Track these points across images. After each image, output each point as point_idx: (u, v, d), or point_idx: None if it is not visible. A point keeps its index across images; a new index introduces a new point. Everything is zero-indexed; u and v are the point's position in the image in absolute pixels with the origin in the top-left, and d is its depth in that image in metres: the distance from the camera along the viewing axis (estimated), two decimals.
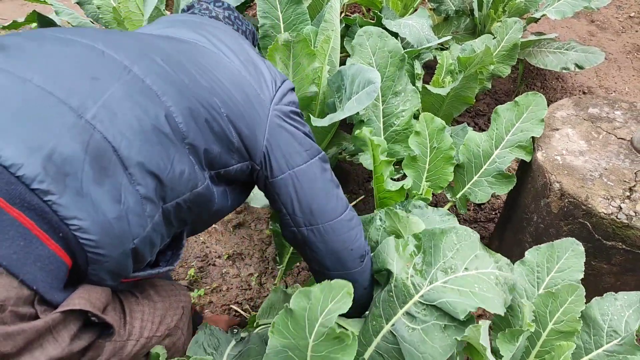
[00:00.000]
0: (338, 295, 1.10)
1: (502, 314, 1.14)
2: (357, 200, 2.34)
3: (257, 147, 1.12)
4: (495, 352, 1.20)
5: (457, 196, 1.87)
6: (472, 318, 1.13)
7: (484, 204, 2.38)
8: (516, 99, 1.81)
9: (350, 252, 1.26)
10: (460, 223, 2.30)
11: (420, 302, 1.20)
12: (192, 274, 2.02)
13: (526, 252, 1.44)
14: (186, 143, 0.97)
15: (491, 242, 2.19)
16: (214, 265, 2.11)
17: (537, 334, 1.33)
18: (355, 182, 2.47)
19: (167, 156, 0.92)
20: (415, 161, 1.72)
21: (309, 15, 2.02)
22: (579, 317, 1.27)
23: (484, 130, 2.16)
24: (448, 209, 2.19)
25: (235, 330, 1.48)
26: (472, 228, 2.24)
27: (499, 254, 1.29)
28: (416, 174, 1.75)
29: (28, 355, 0.77)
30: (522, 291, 1.41)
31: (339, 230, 1.23)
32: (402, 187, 1.59)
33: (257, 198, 1.68)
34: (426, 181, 1.74)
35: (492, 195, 1.79)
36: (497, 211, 2.37)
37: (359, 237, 1.28)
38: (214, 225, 2.22)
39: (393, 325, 1.24)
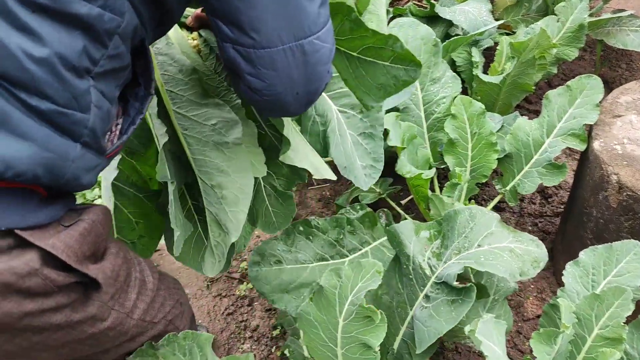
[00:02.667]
0: (368, 273, 1.25)
1: (511, 282, 1.23)
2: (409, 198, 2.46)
3: None
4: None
5: (507, 188, 1.93)
6: (473, 290, 1.23)
7: (551, 196, 2.39)
8: (568, 82, 1.84)
9: None
10: (524, 217, 2.35)
11: (435, 282, 1.33)
12: (245, 266, 2.25)
13: (581, 253, 1.45)
14: None
15: (556, 237, 2.20)
16: None
17: (582, 339, 1.34)
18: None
19: None
20: (455, 147, 1.83)
21: (358, 10, 2.18)
22: (624, 323, 1.25)
23: None
24: (498, 202, 2.26)
25: None
26: (538, 223, 2.30)
27: (525, 233, 1.37)
28: (457, 160, 1.85)
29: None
30: (573, 294, 1.42)
31: None
32: (419, 175, 1.68)
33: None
34: (470, 169, 1.84)
35: (539, 187, 1.84)
36: (565, 205, 2.37)
37: None
38: None
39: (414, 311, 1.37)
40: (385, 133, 1.69)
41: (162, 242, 2.32)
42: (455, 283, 1.30)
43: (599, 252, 1.41)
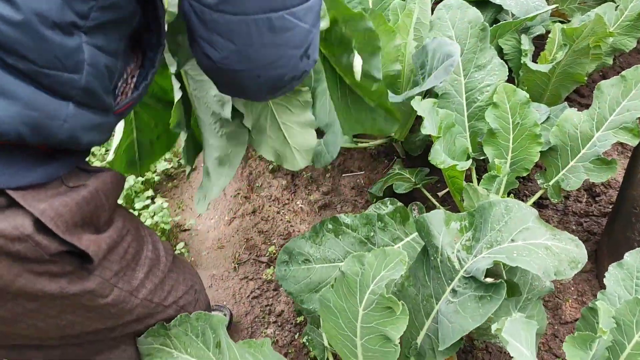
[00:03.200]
0: (392, 262, 1.21)
1: (546, 281, 1.16)
2: (444, 191, 2.38)
3: None
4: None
5: (550, 183, 1.84)
6: (502, 287, 1.16)
7: (599, 195, 2.26)
8: (623, 72, 1.73)
9: None
10: (568, 216, 2.24)
11: (463, 277, 1.27)
12: (273, 250, 2.23)
13: (626, 254, 1.38)
14: None
15: (602, 239, 2.09)
16: None
17: (620, 346, 1.26)
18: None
19: None
20: (495, 137, 1.74)
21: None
22: None
23: None
24: (540, 199, 2.15)
25: None
26: (583, 222, 2.19)
27: (564, 232, 1.29)
28: (497, 152, 1.77)
29: None
30: (614, 297, 1.35)
31: None
32: (454, 166, 1.61)
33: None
34: (511, 161, 1.75)
35: (586, 184, 1.73)
36: (613, 204, 2.25)
37: None
38: (300, 205, 2.42)
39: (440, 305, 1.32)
40: (420, 121, 1.63)
41: (191, 222, 2.33)
42: (487, 279, 1.24)
43: None
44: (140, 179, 2.44)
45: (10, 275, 0.80)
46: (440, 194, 2.31)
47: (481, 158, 1.92)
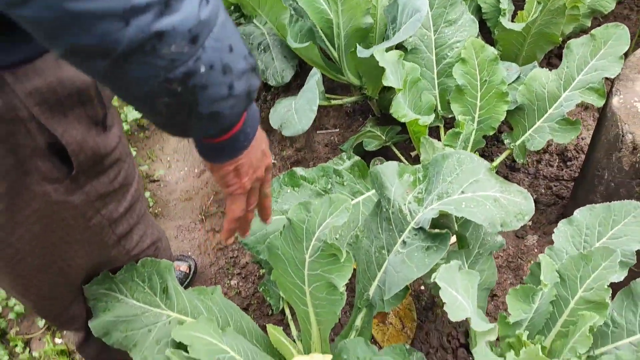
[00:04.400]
0: (337, 209, 1.21)
1: (499, 238, 1.16)
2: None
3: None
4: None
5: (517, 143, 1.84)
6: (449, 238, 1.17)
7: (570, 160, 2.27)
8: (593, 31, 1.71)
9: None
10: (538, 179, 2.25)
11: (413, 228, 1.27)
12: None
13: (576, 211, 1.38)
14: None
15: (568, 202, 2.10)
16: None
17: (564, 301, 1.28)
18: None
19: None
20: (462, 94, 1.73)
21: None
22: (608, 287, 1.18)
23: None
24: (512, 162, 2.16)
25: None
26: (552, 186, 2.20)
27: (514, 184, 1.29)
28: (464, 109, 1.76)
29: None
30: (562, 253, 1.35)
31: None
32: (416, 120, 1.59)
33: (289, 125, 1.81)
34: (478, 119, 1.74)
35: (558, 149, 1.73)
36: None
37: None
38: (272, 160, 2.41)
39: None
40: (382, 72, 1.61)
41: (160, 172, 2.32)
42: (434, 230, 1.25)
43: (596, 212, 1.32)
44: None
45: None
46: (413, 153, 2.31)
47: (450, 116, 1.91)
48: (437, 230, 1.19)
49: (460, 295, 1.03)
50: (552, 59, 2.57)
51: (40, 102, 0.77)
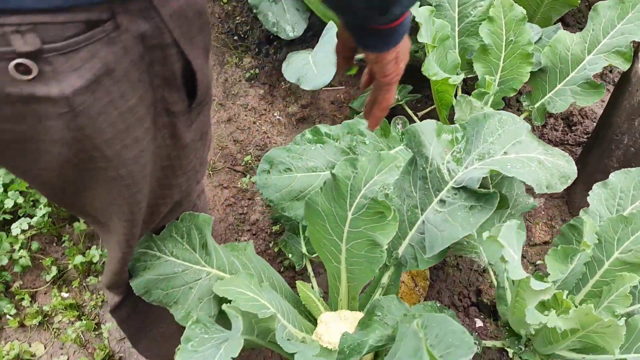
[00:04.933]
0: (386, 166, 1.18)
1: (530, 199, 1.16)
2: (430, 108, 2.35)
3: None
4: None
5: (536, 105, 1.83)
6: (495, 197, 1.16)
7: (575, 125, 2.29)
8: None
9: None
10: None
11: (453, 187, 1.26)
12: (249, 160, 2.19)
13: (611, 174, 1.39)
14: None
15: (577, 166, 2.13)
16: None
17: (599, 262, 1.31)
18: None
19: None
20: (487, 54, 1.70)
21: None
22: None
23: None
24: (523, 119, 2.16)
25: None
26: None
27: (556, 148, 1.29)
28: (487, 69, 1.74)
29: None
30: (595, 216, 1.37)
31: None
32: (446, 79, 1.57)
33: (308, 78, 1.76)
34: (500, 80, 1.73)
35: (564, 113, 1.73)
36: (589, 135, 2.28)
37: None
38: (277, 117, 2.36)
39: (425, 215, 1.31)
40: (416, 27, 1.57)
41: None
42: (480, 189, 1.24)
43: (632, 176, 1.34)
44: None
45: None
46: (420, 113, 2.28)
47: (469, 76, 1.89)
48: (484, 190, 1.18)
49: (515, 255, 1.03)
50: (572, 21, 2.56)
51: (180, 25, 0.73)
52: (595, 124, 2.30)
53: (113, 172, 0.80)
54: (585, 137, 2.28)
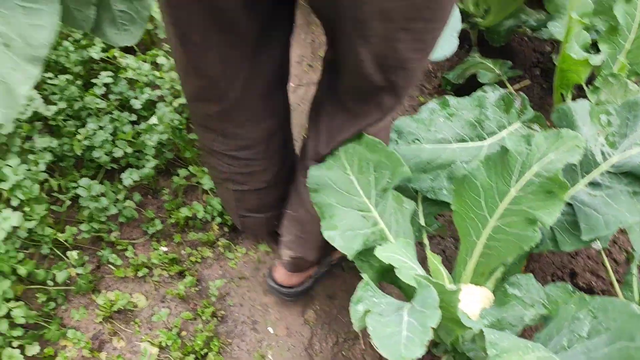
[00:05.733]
0: (564, 144, 1.12)
1: None
2: (521, 85, 2.32)
3: None
4: None
5: None
6: None
7: None
8: None
9: None
10: None
11: (608, 172, 1.24)
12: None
13: None
14: None
15: None
16: None
17: None
18: (521, 64, 2.42)
19: None
20: (616, 35, 1.66)
21: None
22: None
23: None
24: None
25: None
26: None
27: None
28: (612, 51, 1.70)
29: None
30: None
31: None
32: (586, 59, 1.54)
33: None
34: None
35: None
36: None
37: None
38: None
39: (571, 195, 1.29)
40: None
41: None
42: None
43: None
44: None
45: None
46: (515, 87, 2.25)
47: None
48: None
49: None
50: None
51: None
52: None
53: None
54: None
